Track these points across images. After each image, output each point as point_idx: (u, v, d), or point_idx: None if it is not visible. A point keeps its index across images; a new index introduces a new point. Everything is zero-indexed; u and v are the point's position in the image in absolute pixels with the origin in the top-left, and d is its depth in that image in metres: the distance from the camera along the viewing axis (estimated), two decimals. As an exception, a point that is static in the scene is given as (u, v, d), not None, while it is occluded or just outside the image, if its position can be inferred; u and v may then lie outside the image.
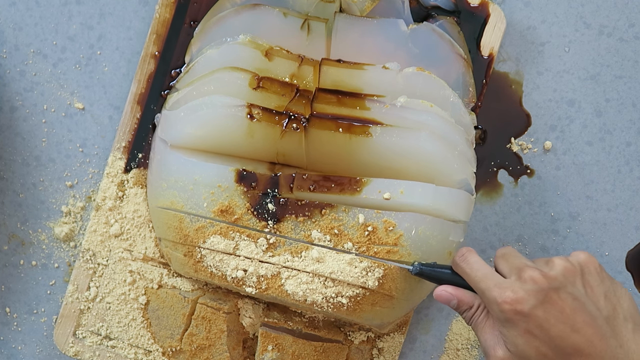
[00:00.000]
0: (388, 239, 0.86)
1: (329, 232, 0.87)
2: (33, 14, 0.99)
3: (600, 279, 0.76)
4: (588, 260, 0.76)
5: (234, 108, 0.87)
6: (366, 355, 0.98)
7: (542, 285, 0.73)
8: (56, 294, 1.00)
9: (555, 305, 0.73)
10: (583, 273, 0.76)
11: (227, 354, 0.97)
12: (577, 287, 0.75)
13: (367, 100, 0.88)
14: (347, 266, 0.86)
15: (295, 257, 0.87)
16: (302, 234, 0.87)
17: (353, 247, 0.87)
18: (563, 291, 0.74)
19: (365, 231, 0.86)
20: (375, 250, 0.86)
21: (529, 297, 0.73)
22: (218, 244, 0.88)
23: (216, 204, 0.88)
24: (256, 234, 0.87)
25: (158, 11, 0.97)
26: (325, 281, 0.87)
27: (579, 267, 0.76)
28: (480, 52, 0.97)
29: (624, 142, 0.99)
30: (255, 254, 0.88)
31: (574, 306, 0.73)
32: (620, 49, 0.98)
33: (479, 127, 0.98)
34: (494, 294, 0.75)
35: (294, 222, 0.87)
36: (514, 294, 0.74)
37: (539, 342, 0.74)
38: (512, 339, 0.75)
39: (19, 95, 0.99)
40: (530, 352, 0.74)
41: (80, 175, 1.00)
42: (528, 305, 0.73)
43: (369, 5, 0.93)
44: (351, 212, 0.87)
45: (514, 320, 0.74)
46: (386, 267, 0.87)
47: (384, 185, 0.86)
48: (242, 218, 0.88)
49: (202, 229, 0.89)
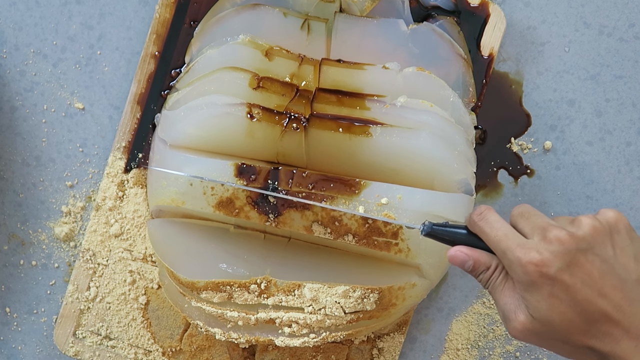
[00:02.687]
0: (387, 232, 0.86)
1: (329, 224, 0.87)
2: (33, 14, 0.99)
3: (630, 239, 0.72)
4: (617, 219, 0.72)
5: (234, 108, 0.87)
6: (366, 355, 0.98)
7: (569, 247, 0.69)
8: (56, 294, 1.00)
9: (583, 268, 0.69)
10: (612, 233, 0.71)
11: (227, 355, 0.97)
12: (606, 248, 0.70)
13: (367, 100, 0.88)
14: (342, 299, 0.86)
15: (289, 295, 0.87)
16: (303, 225, 0.87)
17: (353, 238, 0.87)
18: (591, 253, 0.70)
19: (366, 223, 0.86)
20: (376, 242, 0.86)
21: (555, 258, 0.69)
22: (212, 298, 0.88)
23: (216, 198, 0.88)
24: (246, 282, 0.87)
25: (158, 11, 0.97)
26: (322, 318, 0.87)
27: (607, 227, 0.71)
28: (480, 52, 0.97)
29: (624, 142, 0.99)
30: (250, 300, 0.88)
31: (602, 269, 0.69)
32: (620, 49, 0.98)
33: (479, 127, 0.98)
34: (517, 254, 0.70)
35: (295, 214, 0.87)
36: (539, 255, 0.69)
37: (565, 306, 0.70)
38: (535, 303, 0.70)
39: (19, 95, 0.99)
40: (555, 317, 0.70)
41: (80, 175, 1.00)
42: (554, 267, 0.69)
43: (369, 5, 0.93)
44: (351, 205, 0.87)
45: (538, 283, 0.70)
46: (381, 288, 0.87)
47: (383, 190, 0.86)
48: (243, 210, 0.88)
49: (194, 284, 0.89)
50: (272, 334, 0.89)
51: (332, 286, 0.87)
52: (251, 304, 0.88)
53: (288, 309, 0.88)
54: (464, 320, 1.00)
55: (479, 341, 1.00)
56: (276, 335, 0.88)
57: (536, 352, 0.99)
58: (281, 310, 0.88)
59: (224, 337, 0.89)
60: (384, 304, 0.88)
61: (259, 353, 0.97)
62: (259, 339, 0.89)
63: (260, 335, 0.89)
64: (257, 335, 0.89)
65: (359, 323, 0.89)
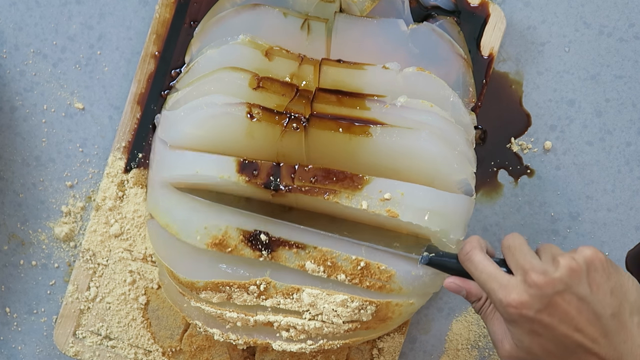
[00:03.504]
0: (380, 275, 0.87)
1: (322, 263, 0.87)
2: (33, 14, 0.99)
3: (607, 276, 0.75)
4: (594, 257, 0.75)
5: (233, 107, 0.87)
6: (366, 355, 0.98)
7: (547, 291, 0.74)
8: (56, 294, 1.00)
9: (560, 308, 0.74)
10: (589, 271, 0.75)
11: (227, 355, 0.97)
12: (583, 286, 0.74)
13: (367, 100, 0.88)
14: (340, 307, 0.86)
15: (288, 298, 0.87)
16: (297, 263, 0.87)
17: (346, 278, 0.87)
18: (568, 293, 0.74)
19: (358, 265, 0.87)
20: (368, 283, 0.87)
21: (533, 301, 0.74)
22: (211, 298, 0.88)
23: (209, 237, 0.88)
24: (245, 283, 0.87)
25: (158, 11, 0.97)
26: (320, 325, 0.87)
27: (584, 266, 0.75)
28: (480, 52, 0.97)
29: (624, 142, 0.99)
30: (249, 301, 0.88)
31: (578, 307, 0.74)
32: (620, 49, 0.98)
33: (479, 127, 0.98)
34: (499, 296, 0.76)
35: (288, 252, 0.87)
36: (518, 297, 0.74)
37: (544, 340, 0.75)
38: (518, 336, 0.76)
39: (19, 95, 0.99)
40: (536, 349, 0.76)
41: (80, 175, 1.00)
42: (533, 309, 0.74)
43: (369, 5, 0.93)
44: (354, 199, 0.86)
45: (519, 322, 0.75)
46: (379, 301, 0.87)
47: (385, 186, 0.86)
48: (237, 248, 0.88)
49: (193, 284, 0.89)
50: (270, 337, 0.89)
51: (331, 294, 0.87)
52: (250, 304, 0.88)
53: (286, 313, 0.88)
54: (464, 320, 1.00)
55: (479, 341, 1.00)
56: (274, 339, 0.88)
57: (536, 352, 0.99)
58: (279, 313, 0.88)
59: (223, 338, 0.89)
60: (380, 316, 0.88)
61: (259, 353, 0.97)
62: (257, 341, 0.89)
63: (258, 337, 0.89)
64: (255, 338, 0.89)
65: (356, 333, 0.89)
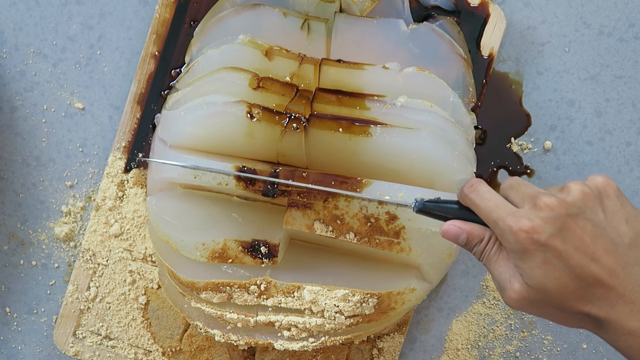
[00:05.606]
0: (389, 230, 0.86)
1: (331, 222, 0.87)
2: (33, 14, 0.99)
3: (621, 203, 0.71)
4: (606, 184, 0.71)
5: (233, 107, 0.87)
6: (366, 355, 0.98)
7: (559, 212, 0.68)
8: (56, 294, 1.00)
9: (574, 233, 0.69)
10: (602, 197, 0.70)
11: (227, 355, 0.97)
12: (597, 212, 0.70)
13: (367, 100, 0.88)
14: (341, 302, 0.86)
15: (289, 297, 0.87)
16: (305, 223, 0.87)
17: (355, 237, 0.87)
18: (582, 218, 0.69)
19: (368, 222, 0.86)
20: (377, 241, 0.86)
21: (545, 225, 0.68)
22: (211, 298, 0.88)
23: (208, 251, 0.88)
24: (246, 283, 0.87)
25: (158, 11, 0.97)
26: (321, 322, 0.87)
27: (597, 192, 0.70)
28: (480, 52, 0.97)
29: (624, 142, 0.99)
30: (250, 301, 0.88)
31: (594, 233, 0.69)
32: (620, 49, 0.98)
33: (479, 127, 0.98)
34: (508, 222, 0.70)
35: (297, 213, 0.87)
36: (530, 222, 0.68)
37: (559, 272, 0.69)
38: (529, 270, 0.70)
39: (19, 95, 0.99)
40: (549, 284, 0.69)
41: (80, 175, 1.00)
42: (545, 233, 0.68)
43: (369, 5, 0.93)
44: (353, 203, 0.87)
45: (530, 250, 0.69)
46: (380, 293, 0.87)
47: (384, 189, 0.86)
48: (238, 257, 0.88)
49: (194, 284, 0.89)
50: (272, 337, 0.89)
51: (332, 289, 0.87)
52: (251, 304, 0.88)
53: (287, 311, 0.88)
54: (464, 320, 1.00)
55: (479, 341, 1.00)
56: (275, 339, 0.88)
57: (536, 352, 0.99)
58: (281, 313, 0.88)
59: (223, 339, 0.89)
60: (382, 308, 0.88)
61: (259, 353, 0.97)
62: (258, 342, 0.89)
63: (259, 337, 0.89)
64: (257, 338, 0.89)
65: (358, 327, 0.89)
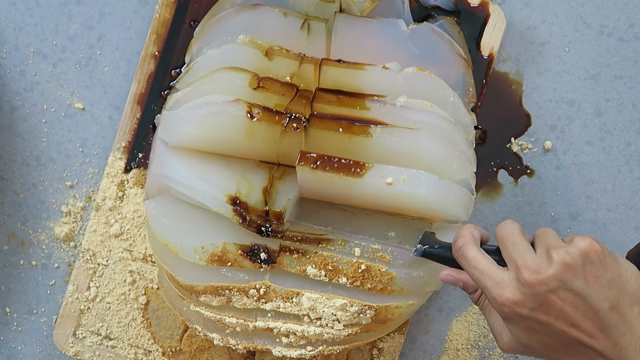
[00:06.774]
0: (382, 277, 0.87)
1: (323, 267, 0.87)
2: (33, 14, 0.99)
3: (604, 268, 0.73)
4: (589, 249, 0.73)
5: (234, 107, 0.87)
6: (366, 355, 0.98)
7: (540, 290, 0.72)
8: (56, 294, 1.00)
9: (555, 306, 0.72)
10: (585, 264, 0.72)
11: (227, 355, 0.97)
12: (579, 280, 0.72)
13: (367, 100, 0.88)
14: (339, 311, 0.86)
15: (287, 302, 0.87)
16: (298, 268, 0.87)
17: (347, 281, 0.87)
18: (562, 289, 0.72)
19: (359, 268, 0.87)
20: (369, 285, 0.86)
21: (527, 300, 0.72)
22: (210, 301, 0.88)
23: (207, 254, 0.88)
24: (245, 287, 0.87)
25: (158, 11, 0.97)
26: (320, 331, 0.87)
27: (580, 260, 0.72)
28: (480, 52, 0.97)
29: (624, 142, 0.99)
30: (249, 304, 0.88)
31: (574, 302, 0.72)
32: (620, 49, 0.98)
33: (479, 127, 0.98)
34: (493, 294, 0.74)
35: (289, 258, 0.87)
36: (512, 296, 0.73)
37: (541, 335, 0.74)
38: (514, 332, 0.75)
39: (19, 95, 0.99)
40: (534, 343, 0.74)
41: (80, 175, 1.00)
42: (527, 308, 0.72)
43: (369, 5, 0.93)
44: (347, 246, 0.87)
45: (514, 319, 0.74)
46: (378, 306, 0.87)
47: (387, 171, 0.85)
48: (237, 261, 0.88)
49: (193, 287, 0.89)
50: (270, 343, 0.89)
51: (330, 298, 0.87)
52: (250, 308, 0.88)
53: (286, 317, 0.88)
54: (464, 320, 1.00)
55: (479, 341, 1.00)
56: (274, 345, 0.88)
57: (536, 352, 0.99)
58: (279, 319, 0.88)
59: (222, 343, 0.89)
60: (380, 319, 0.88)
61: (259, 353, 0.97)
62: (256, 347, 0.89)
63: (258, 342, 0.89)
64: (255, 343, 0.89)
65: (357, 337, 0.89)
